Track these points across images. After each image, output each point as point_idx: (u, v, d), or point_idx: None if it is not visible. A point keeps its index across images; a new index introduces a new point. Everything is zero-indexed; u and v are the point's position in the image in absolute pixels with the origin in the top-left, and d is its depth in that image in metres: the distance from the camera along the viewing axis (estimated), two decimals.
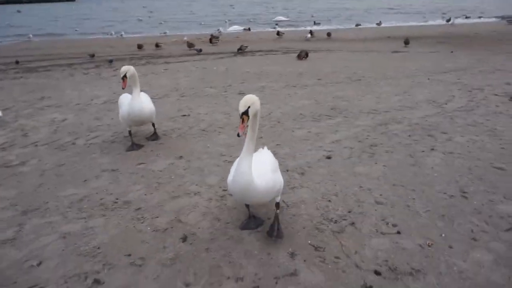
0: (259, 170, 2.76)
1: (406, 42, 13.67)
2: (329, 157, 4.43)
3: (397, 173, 4.00)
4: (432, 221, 3.15)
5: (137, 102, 4.61)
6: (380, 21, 23.56)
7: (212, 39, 16.48)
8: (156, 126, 5.27)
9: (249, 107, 2.55)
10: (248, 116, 2.59)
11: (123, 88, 4.47)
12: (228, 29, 21.73)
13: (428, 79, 8.21)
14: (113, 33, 23.40)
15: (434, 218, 3.19)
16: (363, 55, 12.01)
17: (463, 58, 10.84)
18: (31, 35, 23.04)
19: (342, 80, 8.43)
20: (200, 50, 13.84)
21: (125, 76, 4.39)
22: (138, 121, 4.82)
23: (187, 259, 2.82)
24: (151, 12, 46.74)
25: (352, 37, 17.93)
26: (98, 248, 2.98)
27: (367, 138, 4.96)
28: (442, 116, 5.72)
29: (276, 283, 2.56)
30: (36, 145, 5.20)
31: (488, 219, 3.15)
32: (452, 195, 3.52)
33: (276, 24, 26.19)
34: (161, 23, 31.11)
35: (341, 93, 7.21)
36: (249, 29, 23.24)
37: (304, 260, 2.75)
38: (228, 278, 2.62)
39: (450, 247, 2.83)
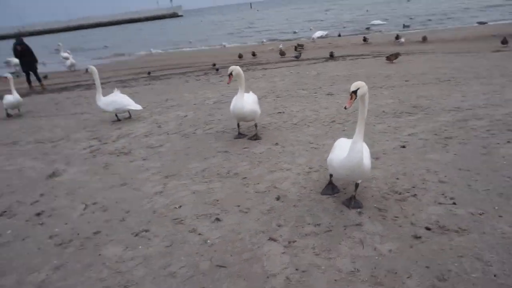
0: (365, 153, 3.56)
1: (504, 42, 12.75)
2: (403, 146, 5.05)
3: (466, 160, 4.46)
4: (489, 197, 3.64)
5: (239, 102, 5.59)
6: (482, 21, 21.72)
7: (297, 47, 17.58)
8: (258, 127, 6.09)
9: (358, 89, 3.24)
10: (356, 96, 3.22)
11: (227, 83, 5.69)
12: (313, 35, 22.50)
13: None
14: (219, 44, 26.10)
15: (492, 195, 3.67)
16: (457, 56, 11.74)
17: None
18: (152, 49, 27.04)
19: (430, 81, 8.65)
20: (297, 57, 14.89)
21: (231, 74, 5.50)
22: (240, 118, 5.86)
23: (279, 210, 3.85)
24: (250, 23, 49.85)
25: (450, 37, 17.18)
26: (217, 200, 4.20)
27: (443, 132, 5.41)
28: None
29: (345, 229, 3.42)
30: (168, 134, 6.83)
31: None
32: None
33: (367, 28, 25.93)
34: (259, 32, 33.27)
35: (426, 93, 7.55)
36: (339, 35, 23.69)
37: (369, 217, 3.56)
38: (309, 224, 3.57)
39: (500, 216, 3.33)
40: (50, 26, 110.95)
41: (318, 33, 22.48)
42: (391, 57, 11.45)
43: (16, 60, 24.24)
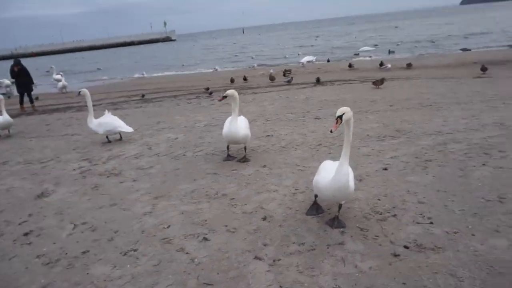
0: (350, 175, 3.73)
1: (483, 69, 13.15)
2: (385, 169, 5.26)
3: (444, 182, 4.67)
4: (464, 217, 3.83)
5: (233, 127, 5.77)
6: (466, 48, 22.67)
7: (285, 72, 18.12)
8: (247, 149, 6.30)
9: (343, 114, 3.46)
10: (341, 120, 3.44)
11: (218, 100, 5.93)
12: (301, 60, 23.19)
13: (504, 103, 8.35)
14: (211, 68, 26.66)
15: (466, 215, 3.86)
16: (440, 82, 12.23)
17: None
18: (144, 73, 27.41)
19: (413, 106, 9.00)
20: (289, 81, 15.35)
21: (225, 96, 5.70)
22: (233, 141, 6.06)
23: (266, 230, 3.97)
24: (242, 48, 50.99)
25: (434, 63, 17.87)
26: (205, 220, 4.30)
27: (424, 155, 5.65)
28: (505, 137, 6.07)
29: (328, 247, 3.55)
30: (158, 155, 6.95)
31: None
32: (489, 200, 4.11)
33: (356, 54, 26.76)
34: (252, 57, 34.03)
35: (409, 118, 7.86)
36: (328, 60, 24.41)
37: (351, 236, 3.70)
38: (294, 243, 3.69)
39: (473, 234, 3.51)
40: (44, 49, 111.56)
41: (306, 58, 23.13)
42: (377, 83, 11.87)
43: (7, 82, 24.33)
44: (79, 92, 8.24)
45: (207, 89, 14.61)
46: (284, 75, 18.02)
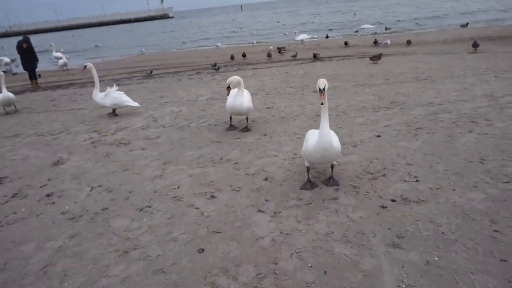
0: (334, 137, 4.09)
1: (474, 45, 13.23)
2: (378, 136, 5.63)
3: (432, 146, 5.05)
4: (447, 176, 4.23)
5: (238, 100, 6.11)
6: (467, 23, 22.63)
7: (281, 49, 18.25)
8: (248, 120, 6.71)
9: (325, 86, 3.89)
10: (325, 91, 3.89)
11: (227, 95, 6.20)
12: (296, 38, 23.25)
13: (496, 76, 8.65)
14: (213, 45, 26.61)
15: (449, 174, 4.26)
16: (436, 57, 12.46)
17: None
18: (143, 49, 27.37)
19: (409, 79, 9.30)
20: (295, 56, 15.63)
21: (228, 87, 6.06)
22: (237, 113, 6.43)
23: (267, 189, 4.37)
24: (242, 25, 50.45)
25: (432, 39, 18.00)
26: (212, 181, 4.70)
27: (415, 124, 6.01)
28: (493, 107, 6.42)
29: (323, 202, 3.96)
30: (164, 127, 7.30)
31: (494, 176, 4.11)
32: (471, 161, 4.50)
33: (356, 32, 26.66)
34: (252, 33, 33.86)
35: (404, 90, 8.18)
36: (327, 36, 24.43)
37: (344, 192, 4.11)
38: (292, 198, 4.09)
39: (453, 189, 3.91)
40: (39, 26, 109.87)
41: (301, 36, 23.17)
42: (374, 58, 12.10)
43: (7, 59, 24.38)
44: (85, 66, 8.51)
45: (215, 64, 14.59)
46: (279, 52, 18.14)
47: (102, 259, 3.36)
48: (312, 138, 4.13)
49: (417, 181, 4.18)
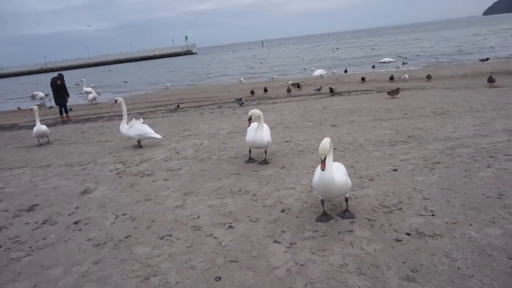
0: (337, 172, 4.23)
1: (490, 80, 13.11)
2: (395, 170, 5.70)
3: (448, 181, 5.07)
4: (463, 210, 4.23)
5: (259, 134, 6.34)
6: (487, 58, 22.61)
7: (298, 84, 18.58)
8: (267, 153, 6.90)
9: (325, 157, 3.92)
10: (326, 160, 3.92)
11: (248, 126, 6.44)
12: (314, 74, 23.81)
13: None
14: (237, 80, 27.58)
15: (466, 209, 4.26)
16: (455, 92, 12.50)
17: None
18: (168, 84, 28.55)
19: (426, 114, 9.36)
20: (319, 89, 16.07)
21: (250, 118, 6.35)
22: (257, 147, 6.65)
23: (284, 220, 4.48)
24: (263, 60, 52.02)
25: (451, 74, 18.05)
26: (230, 212, 4.86)
27: (432, 158, 6.04)
28: None
29: (338, 234, 4.04)
30: (186, 159, 7.59)
31: None
32: (489, 196, 4.50)
33: (373, 67, 26.98)
34: (273, 69, 34.86)
35: (422, 125, 8.24)
36: (345, 70, 24.93)
37: (359, 225, 4.17)
38: (308, 230, 4.19)
39: (470, 224, 3.92)
40: (71, 63, 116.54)
41: (318, 72, 23.75)
42: (392, 93, 12.25)
43: (41, 94, 25.91)
44: (116, 100, 9.06)
45: (240, 99, 14.89)
46: (297, 87, 18.46)
47: (124, 284, 3.52)
48: (316, 173, 4.28)
49: (433, 215, 4.20)
